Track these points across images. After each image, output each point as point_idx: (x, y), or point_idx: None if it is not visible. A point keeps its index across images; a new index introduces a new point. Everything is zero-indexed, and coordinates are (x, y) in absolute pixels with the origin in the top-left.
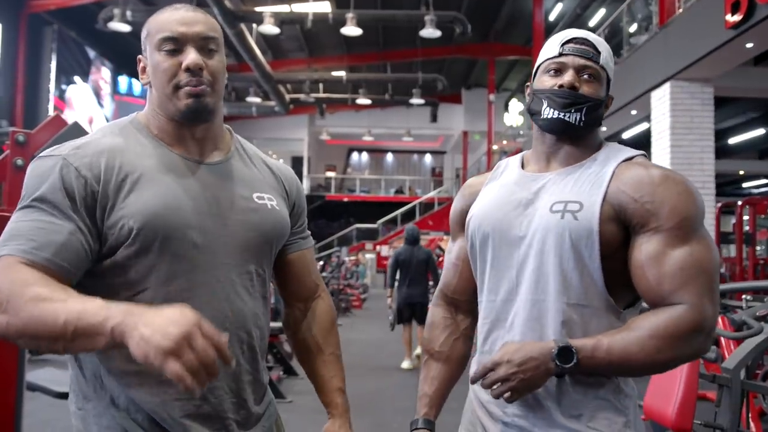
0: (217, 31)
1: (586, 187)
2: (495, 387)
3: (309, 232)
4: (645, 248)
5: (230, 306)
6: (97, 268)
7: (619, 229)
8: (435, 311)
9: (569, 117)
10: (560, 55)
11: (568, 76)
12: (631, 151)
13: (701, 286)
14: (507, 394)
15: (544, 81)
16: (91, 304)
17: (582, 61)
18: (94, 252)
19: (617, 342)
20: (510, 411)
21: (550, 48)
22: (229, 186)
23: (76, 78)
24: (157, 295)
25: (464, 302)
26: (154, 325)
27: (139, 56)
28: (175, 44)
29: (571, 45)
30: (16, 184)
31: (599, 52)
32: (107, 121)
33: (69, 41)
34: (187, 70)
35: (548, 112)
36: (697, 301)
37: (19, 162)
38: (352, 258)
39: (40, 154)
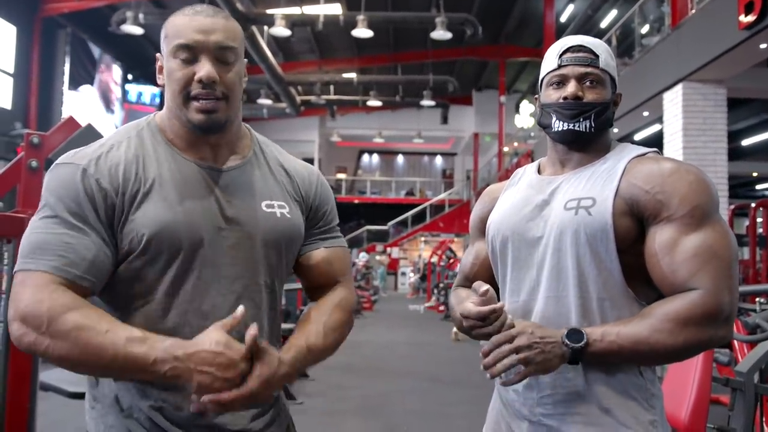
0: (237, 39)
1: (598, 183)
2: (507, 360)
3: (336, 233)
4: (658, 238)
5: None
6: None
7: (634, 223)
8: (454, 292)
9: (579, 126)
10: (559, 66)
11: (570, 87)
12: (643, 149)
13: (716, 272)
14: (524, 370)
15: (549, 94)
16: (136, 343)
17: (582, 69)
18: (113, 262)
19: (628, 327)
20: (537, 411)
21: (550, 61)
22: (240, 194)
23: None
24: (164, 305)
25: None
26: (208, 370)
27: (158, 54)
28: (190, 53)
29: (568, 55)
30: (30, 186)
31: (598, 56)
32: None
33: (79, 44)
34: (200, 82)
35: (558, 125)
36: (711, 287)
37: (34, 164)
38: (364, 259)
39: (59, 161)
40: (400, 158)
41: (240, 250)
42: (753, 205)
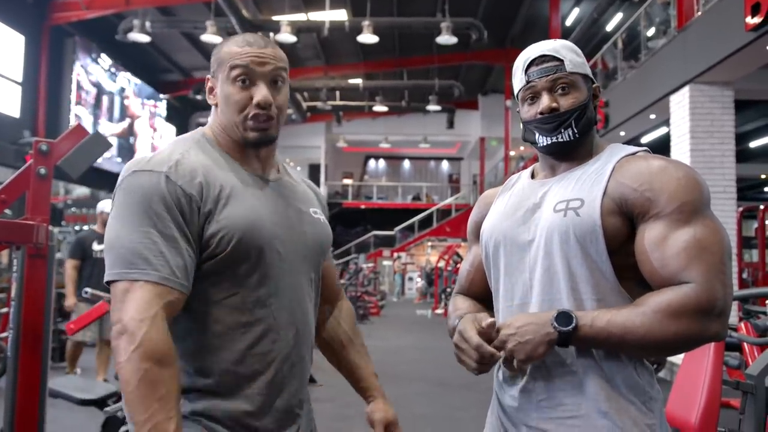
0: (286, 64)
1: (587, 184)
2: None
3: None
4: (647, 235)
5: (302, 309)
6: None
7: (624, 223)
8: (453, 299)
9: (561, 137)
10: (528, 82)
11: (543, 101)
12: (633, 148)
13: (707, 266)
14: (515, 363)
15: (525, 111)
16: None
17: (549, 79)
18: (197, 262)
19: (620, 315)
20: (535, 416)
21: (518, 78)
22: (292, 201)
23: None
24: (247, 299)
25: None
26: None
27: (208, 76)
28: (248, 78)
29: (533, 68)
30: (39, 193)
31: (562, 60)
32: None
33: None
34: (257, 105)
35: (542, 140)
36: (703, 280)
37: (43, 171)
38: (370, 265)
39: (135, 168)
40: (406, 163)
41: (301, 248)
42: (761, 207)
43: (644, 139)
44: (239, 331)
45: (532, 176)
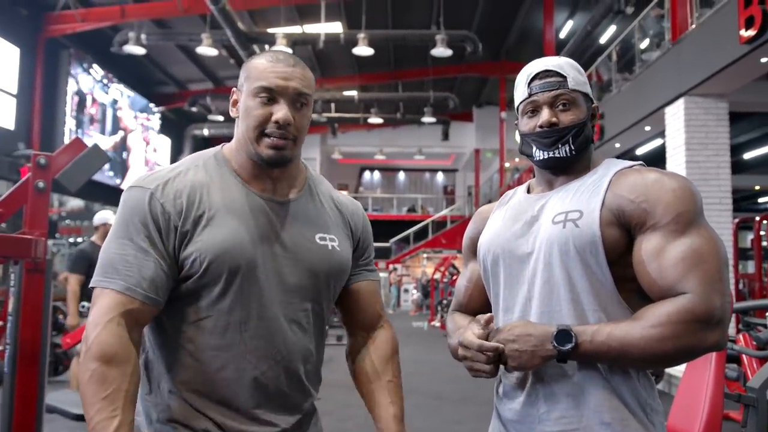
0: (311, 86)
1: (585, 196)
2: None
3: (374, 265)
4: (644, 245)
5: (283, 340)
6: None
7: (622, 234)
8: (451, 317)
9: (558, 152)
10: (530, 95)
11: (544, 115)
12: (629, 162)
13: (704, 276)
14: (510, 363)
15: (524, 123)
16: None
17: (551, 94)
18: (173, 281)
19: (619, 329)
20: (538, 428)
21: (520, 90)
22: (296, 226)
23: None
24: (218, 324)
25: None
26: None
27: (234, 89)
28: (270, 95)
29: (536, 82)
30: (37, 207)
31: (566, 77)
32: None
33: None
34: (276, 122)
35: (538, 154)
36: (701, 290)
37: (41, 185)
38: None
39: (133, 184)
40: (401, 175)
41: (293, 277)
42: (757, 218)
43: (639, 151)
44: (209, 354)
45: (528, 191)
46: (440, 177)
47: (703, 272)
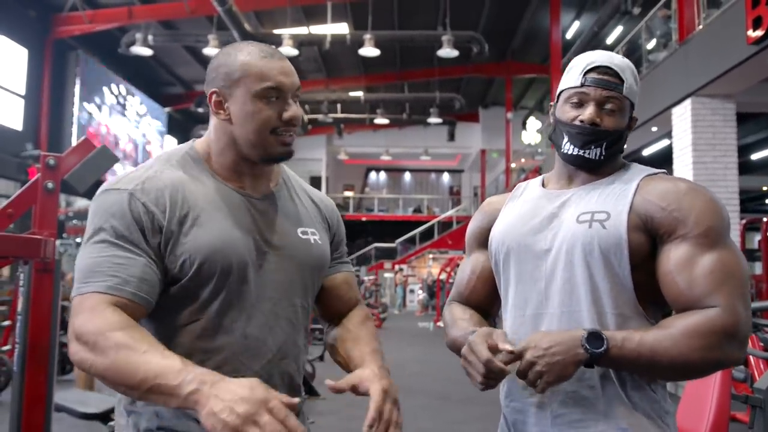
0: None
1: (611, 198)
2: (528, 376)
3: (347, 257)
4: (673, 255)
5: (274, 338)
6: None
7: (647, 240)
8: (449, 307)
9: (588, 154)
10: (582, 85)
11: (589, 111)
12: (653, 169)
13: (732, 290)
14: (540, 383)
15: (565, 111)
16: (170, 364)
17: (605, 93)
18: (162, 282)
19: (649, 336)
20: (550, 431)
21: (573, 76)
22: (278, 221)
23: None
24: (209, 325)
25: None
26: (225, 400)
27: (214, 90)
28: (278, 94)
29: (593, 75)
30: (46, 207)
31: (623, 80)
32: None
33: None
34: (288, 122)
35: (568, 148)
36: (729, 304)
37: (50, 185)
38: (371, 277)
39: (106, 187)
40: (407, 175)
41: (280, 273)
42: (765, 219)
43: (646, 152)
44: (197, 358)
45: (543, 186)
46: (446, 178)
47: (731, 287)
